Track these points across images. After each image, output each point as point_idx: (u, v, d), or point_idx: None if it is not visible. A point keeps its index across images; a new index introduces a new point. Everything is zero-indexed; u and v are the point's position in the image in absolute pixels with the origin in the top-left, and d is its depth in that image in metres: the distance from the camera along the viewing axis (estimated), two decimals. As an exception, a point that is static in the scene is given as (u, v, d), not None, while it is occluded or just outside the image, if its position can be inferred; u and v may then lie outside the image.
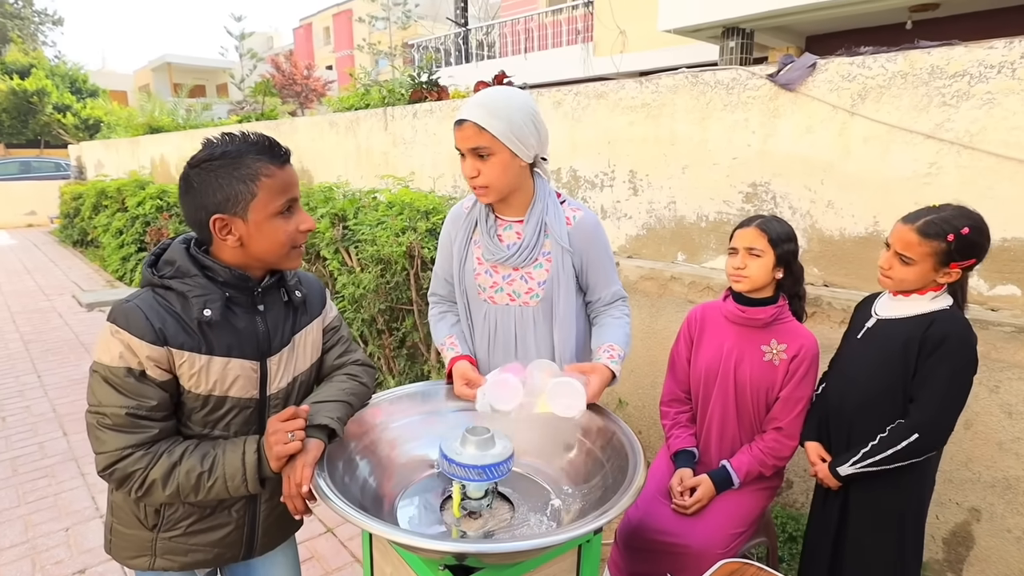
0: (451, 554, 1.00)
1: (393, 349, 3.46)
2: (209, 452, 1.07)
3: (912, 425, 1.42)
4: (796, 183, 2.41)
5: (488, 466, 1.10)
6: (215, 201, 1.05)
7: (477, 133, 1.33)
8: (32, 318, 5.83)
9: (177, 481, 1.03)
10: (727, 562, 1.28)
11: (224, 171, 1.04)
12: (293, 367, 1.21)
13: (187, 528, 1.16)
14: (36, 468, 3.01)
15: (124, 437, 1.02)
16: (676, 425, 1.83)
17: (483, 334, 1.56)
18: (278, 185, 1.08)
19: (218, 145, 1.06)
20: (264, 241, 1.09)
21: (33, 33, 28.79)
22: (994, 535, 1.93)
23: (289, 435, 1.06)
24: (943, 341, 1.39)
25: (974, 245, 1.38)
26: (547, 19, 12.46)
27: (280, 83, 23.28)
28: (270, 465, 1.07)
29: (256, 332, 1.14)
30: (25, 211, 13.65)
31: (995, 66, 1.90)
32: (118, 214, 7.59)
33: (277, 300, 1.20)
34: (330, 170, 5.41)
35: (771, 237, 1.60)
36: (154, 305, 1.05)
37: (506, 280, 1.49)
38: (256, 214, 1.06)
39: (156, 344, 1.02)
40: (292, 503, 1.08)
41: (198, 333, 1.06)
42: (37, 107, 21.03)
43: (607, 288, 1.56)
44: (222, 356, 1.09)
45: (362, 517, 0.99)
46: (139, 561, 1.18)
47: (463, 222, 1.54)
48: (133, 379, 1.02)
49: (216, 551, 1.19)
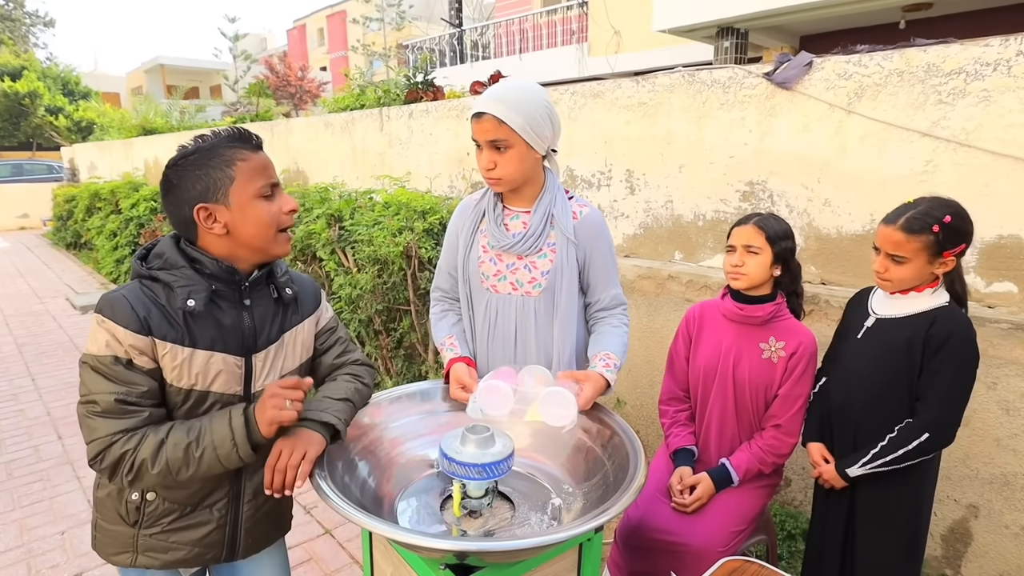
0: (452, 552, 1.00)
1: (390, 350, 3.45)
2: (195, 425, 1.06)
3: (922, 424, 1.42)
4: (793, 181, 2.42)
5: (488, 464, 1.10)
6: (195, 192, 1.06)
7: (496, 126, 1.36)
8: (26, 321, 5.78)
9: (166, 457, 1.02)
10: (728, 560, 1.28)
11: (200, 163, 1.06)
12: (280, 365, 1.20)
13: (167, 525, 1.16)
14: (31, 472, 2.99)
15: (114, 422, 1.02)
16: (675, 424, 1.83)
17: (483, 324, 1.56)
18: (254, 168, 1.09)
19: (192, 144, 1.09)
20: (249, 225, 1.09)
21: (24, 35, 28.57)
22: (992, 531, 1.93)
23: (288, 402, 1.04)
24: (947, 339, 1.40)
25: (959, 231, 1.39)
26: (542, 20, 12.46)
27: (274, 84, 23.22)
28: (260, 430, 1.04)
29: (242, 327, 1.13)
30: (18, 214, 13.55)
31: (991, 64, 1.91)
32: (112, 216, 7.54)
33: (265, 296, 1.19)
34: (326, 171, 5.39)
35: (768, 234, 1.61)
36: (140, 295, 1.05)
37: (510, 268, 1.50)
38: (237, 198, 1.07)
39: (140, 333, 1.02)
40: (273, 475, 1.05)
41: (182, 325, 1.06)
42: (29, 109, 20.88)
43: (607, 290, 1.55)
44: (205, 349, 1.08)
45: (363, 516, 0.98)
46: (122, 558, 1.18)
47: (471, 212, 1.57)
48: (121, 367, 1.02)
49: (197, 550, 1.18)
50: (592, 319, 1.59)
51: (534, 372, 1.35)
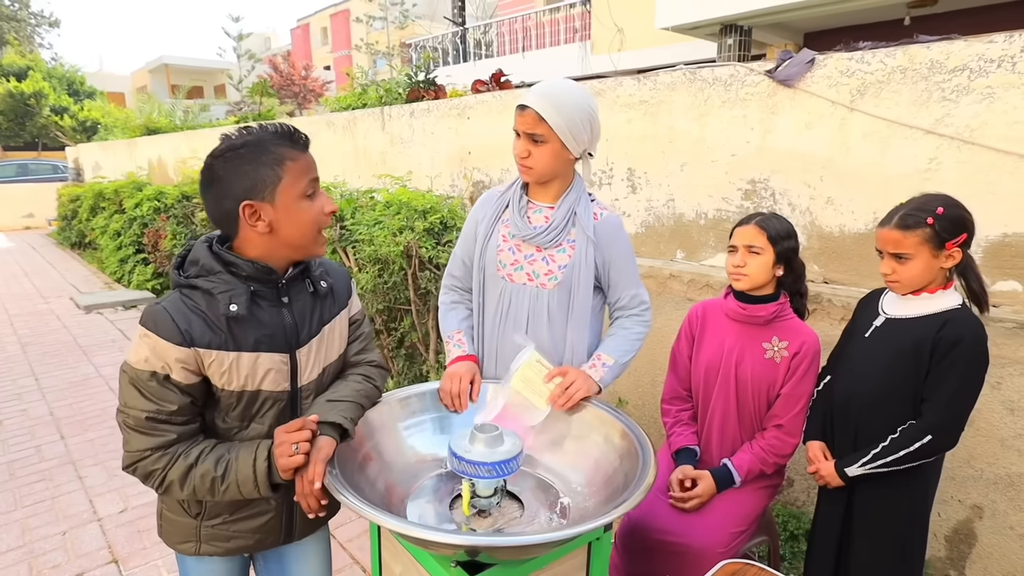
0: (464, 548, 1.00)
1: (392, 349, 3.44)
2: (223, 456, 1.07)
3: (925, 427, 1.41)
4: (795, 180, 2.40)
5: (497, 463, 1.10)
6: (243, 187, 1.04)
7: (536, 121, 1.40)
8: (30, 321, 5.81)
9: (193, 483, 1.05)
10: (728, 563, 1.26)
11: (249, 157, 1.04)
12: (323, 357, 1.22)
13: (228, 516, 1.19)
14: (33, 472, 2.99)
15: (144, 439, 1.04)
16: (677, 423, 1.82)
17: (495, 313, 1.58)
18: (302, 168, 1.09)
19: (239, 136, 1.06)
20: (293, 224, 1.08)
21: (30, 35, 28.68)
22: (996, 532, 1.92)
23: (293, 447, 1.05)
24: (957, 343, 1.38)
25: (956, 220, 1.38)
26: (545, 18, 12.44)
27: (278, 84, 23.27)
28: (279, 474, 1.07)
29: (283, 325, 1.14)
30: (23, 213, 13.63)
31: (995, 60, 1.89)
32: (116, 216, 7.56)
33: (303, 291, 1.19)
34: (327, 170, 5.39)
35: (770, 234, 1.59)
36: (181, 306, 1.05)
37: (528, 259, 1.53)
38: (284, 197, 1.06)
39: (183, 346, 1.03)
40: (305, 501, 1.08)
41: (225, 330, 1.06)
42: (34, 109, 20.99)
43: (627, 289, 1.58)
44: (250, 351, 1.09)
45: (377, 513, 0.98)
46: (186, 547, 1.21)
47: (495, 202, 1.59)
48: (156, 383, 1.03)
49: (258, 536, 1.22)
50: (612, 319, 1.63)
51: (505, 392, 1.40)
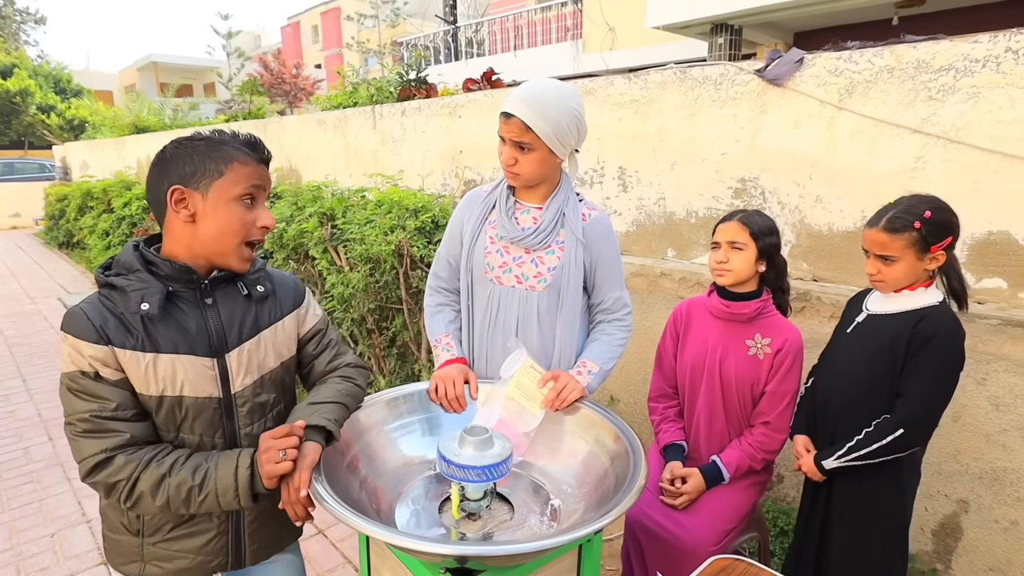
0: (453, 557, 0.98)
1: (383, 348, 3.44)
2: (201, 465, 1.03)
3: (897, 421, 1.43)
4: (784, 178, 2.41)
5: (487, 467, 1.09)
6: (181, 173, 1.04)
7: (523, 131, 1.38)
8: (17, 321, 5.74)
9: (167, 494, 1.01)
10: (717, 559, 1.27)
11: (201, 150, 1.05)
12: (258, 365, 1.17)
13: (168, 533, 1.14)
14: (21, 473, 2.97)
15: (95, 442, 1.00)
16: (665, 420, 1.83)
17: (484, 316, 1.56)
18: (248, 173, 1.07)
19: (205, 133, 1.07)
20: (216, 222, 1.06)
21: (15, 32, 28.32)
22: (982, 526, 1.94)
23: (281, 453, 1.03)
24: (931, 338, 1.40)
25: (942, 224, 1.39)
26: (536, 16, 12.44)
27: (268, 82, 23.10)
28: (263, 483, 1.04)
29: (207, 328, 1.10)
30: (9, 213, 13.45)
31: (980, 60, 1.91)
32: (104, 215, 7.50)
33: (233, 294, 1.15)
34: (318, 169, 5.37)
35: (753, 230, 1.61)
36: (97, 306, 1.03)
37: (516, 261, 1.51)
38: (217, 193, 1.05)
39: (99, 343, 1.00)
40: (292, 509, 1.05)
41: (140, 331, 1.03)
42: (20, 107, 20.74)
43: (611, 292, 1.56)
44: (168, 353, 1.05)
45: (362, 521, 0.96)
46: (131, 567, 1.17)
47: (480, 203, 1.57)
48: (89, 380, 1.00)
49: (200, 558, 1.16)
50: (593, 320, 1.61)
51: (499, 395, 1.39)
